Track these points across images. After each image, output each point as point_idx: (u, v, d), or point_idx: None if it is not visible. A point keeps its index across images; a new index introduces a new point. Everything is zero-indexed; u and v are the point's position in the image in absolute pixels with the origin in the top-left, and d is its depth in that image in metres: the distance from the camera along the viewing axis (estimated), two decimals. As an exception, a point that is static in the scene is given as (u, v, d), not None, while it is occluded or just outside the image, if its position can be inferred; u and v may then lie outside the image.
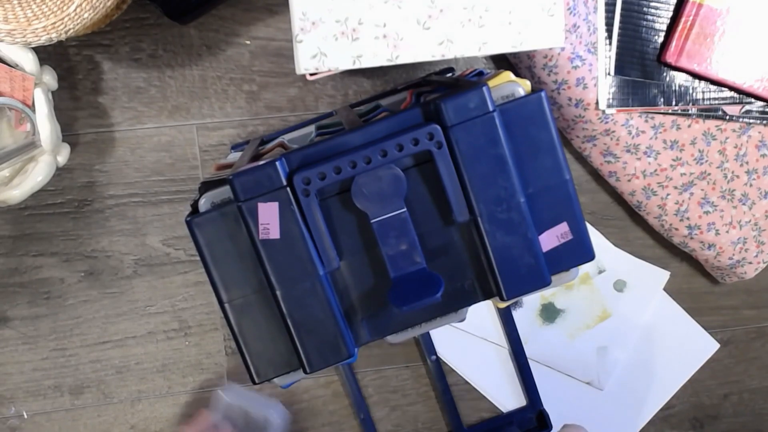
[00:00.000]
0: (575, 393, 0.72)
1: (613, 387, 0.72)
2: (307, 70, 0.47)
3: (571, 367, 0.72)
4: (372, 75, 0.67)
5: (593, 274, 0.71)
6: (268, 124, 0.67)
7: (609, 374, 0.72)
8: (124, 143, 0.66)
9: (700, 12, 0.62)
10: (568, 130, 0.67)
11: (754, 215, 0.68)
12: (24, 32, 0.53)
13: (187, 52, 0.65)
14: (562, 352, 0.72)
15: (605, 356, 0.72)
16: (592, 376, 0.72)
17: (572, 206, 0.46)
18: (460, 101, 0.43)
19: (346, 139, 0.45)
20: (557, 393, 0.72)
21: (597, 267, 0.72)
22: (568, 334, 0.71)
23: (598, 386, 0.72)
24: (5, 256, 0.67)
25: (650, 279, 0.72)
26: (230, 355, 0.70)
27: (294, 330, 0.45)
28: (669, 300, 0.73)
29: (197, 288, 0.68)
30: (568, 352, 0.72)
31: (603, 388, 0.72)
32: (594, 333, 0.72)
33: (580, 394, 0.72)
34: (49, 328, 0.68)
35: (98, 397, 0.69)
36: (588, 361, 0.72)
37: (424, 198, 0.46)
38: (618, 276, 0.72)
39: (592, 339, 0.72)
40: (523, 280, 0.46)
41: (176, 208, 0.67)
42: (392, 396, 0.72)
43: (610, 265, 0.72)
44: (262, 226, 0.44)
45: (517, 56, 0.65)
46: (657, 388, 0.73)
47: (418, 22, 0.46)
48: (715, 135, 0.66)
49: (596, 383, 0.72)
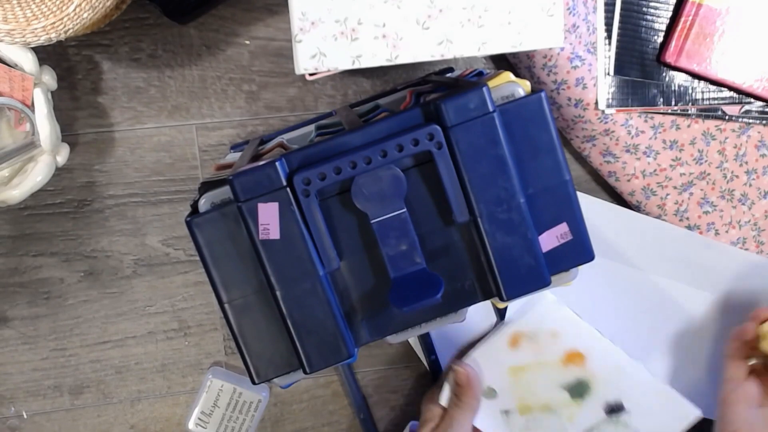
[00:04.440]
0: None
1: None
2: (306, 70, 0.47)
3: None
4: (372, 75, 0.67)
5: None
6: (267, 124, 0.67)
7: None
8: (124, 143, 0.66)
9: (699, 12, 0.62)
10: (567, 130, 0.67)
11: (754, 215, 0.68)
12: (23, 32, 0.53)
13: (187, 52, 0.65)
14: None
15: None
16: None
17: (572, 206, 0.46)
18: (460, 102, 0.43)
19: (346, 140, 0.45)
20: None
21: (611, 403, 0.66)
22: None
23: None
24: (5, 256, 0.67)
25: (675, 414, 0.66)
26: (230, 355, 0.70)
27: (294, 330, 0.45)
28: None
29: (197, 288, 0.68)
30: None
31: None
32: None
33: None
34: (49, 328, 0.68)
35: (98, 397, 0.69)
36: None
37: (424, 198, 0.46)
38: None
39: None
40: (523, 280, 0.46)
41: (176, 208, 0.67)
42: (392, 396, 0.72)
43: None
44: (262, 227, 0.44)
45: (516, 56, 0.65)
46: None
47: (418, 22, 0.46)
48: (715, 135, 0.66)
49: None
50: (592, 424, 0.66)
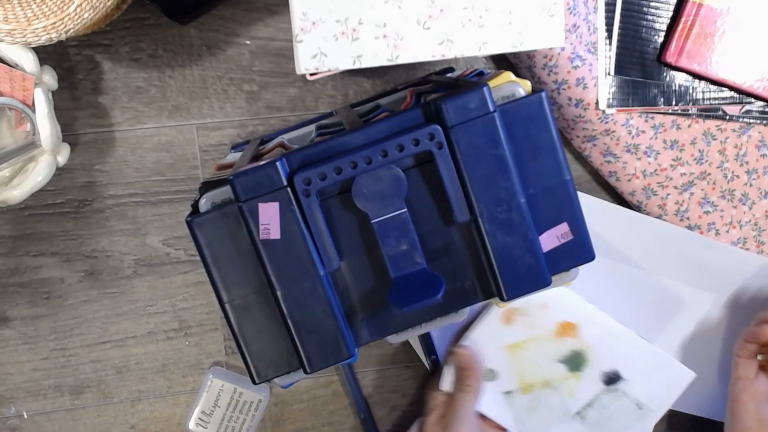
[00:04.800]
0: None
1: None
2: (307, 70, 0.47)
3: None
4: (372, 75, 0.67)
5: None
6: (268, 124, 0.67)
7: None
8: (124, 143, 0.66)
9: (700, 12, 0.62)
10: (568, 130, 0.67)
11: (754, 215, 0.68)
12: (24, 32, 0.53)
13: (187, 52, 0.65)
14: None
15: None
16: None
17: (573, 206, 0.46)
18: (460, 101, 0.44)
19: (347, 140, 0.45)
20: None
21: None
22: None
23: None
24: (5, 256, 0.67)
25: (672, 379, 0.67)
26: (230, 355, 0.70)
27: (294, 330, 0.45)
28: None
29: (197, 288, 0.68)
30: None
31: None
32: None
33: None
34: (49, 328, 0.68)
35: (98, 397, 0.69)
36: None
37: (424, 198, 0.46)
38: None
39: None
40: (523, 280, 0.46)
41: (176, 208, 0.67)
42: (392, 396, 0.72)
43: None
44: (263, 227, 0.44)
45: (517, 56, 0.65)
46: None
47: (418, 22, 0.46)
48: (715, 135, 0.66)
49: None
50: (592, 397, 0.66)
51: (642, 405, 0.66)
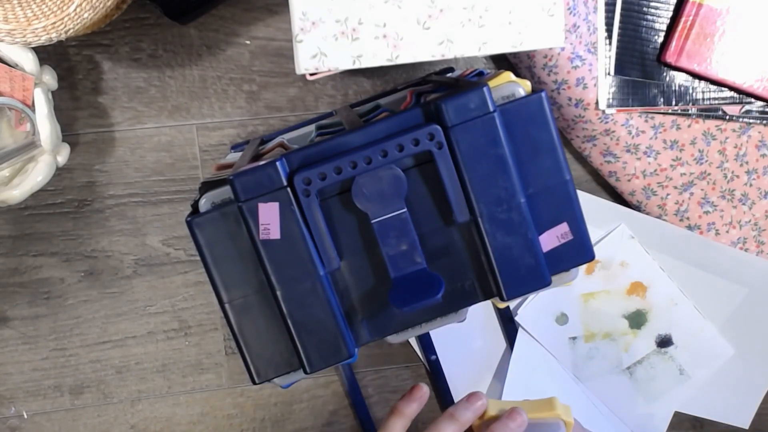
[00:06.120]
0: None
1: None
2: (307, 70, 0.47)
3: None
4: (372, 75, 0.67)
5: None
6: (268, 124, 0.67)
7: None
8: (124, 143, 0.66)
9: (700, 12, 0.62)
10: (568, 130, 0.67)
11: (754, 215, 0.68)
12: (24, 32, 0.53)
13: (187, 52, 0.65)
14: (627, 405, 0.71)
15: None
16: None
17: (572, 206, 0.46)
18: (460, 101, 0.43)
19: (347, 140, 0.45)
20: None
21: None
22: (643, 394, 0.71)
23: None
24: (5, 256, 0.67)
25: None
26: (230, 355, 0.70)
27: (294, 330, 0.45)
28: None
29: (197, 288, 0.68)
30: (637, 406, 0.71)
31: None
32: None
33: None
34: (49, 328, 0.68)
35: (98, 397, 0.69)
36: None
37: (424, 198, 0.46)
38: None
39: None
40: (523, 280, 0.46)
41: (176, 208, 0.67)
42: (392, 396, 0.72)
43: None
44: (263, 227, 0.44)
45: (517, 56, 0.65)
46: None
47: (418, 22, 0.46)
48: (715, 135, 0.66)
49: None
50: (644, 356, 0.70)
51: (684, 371, 0.71)
